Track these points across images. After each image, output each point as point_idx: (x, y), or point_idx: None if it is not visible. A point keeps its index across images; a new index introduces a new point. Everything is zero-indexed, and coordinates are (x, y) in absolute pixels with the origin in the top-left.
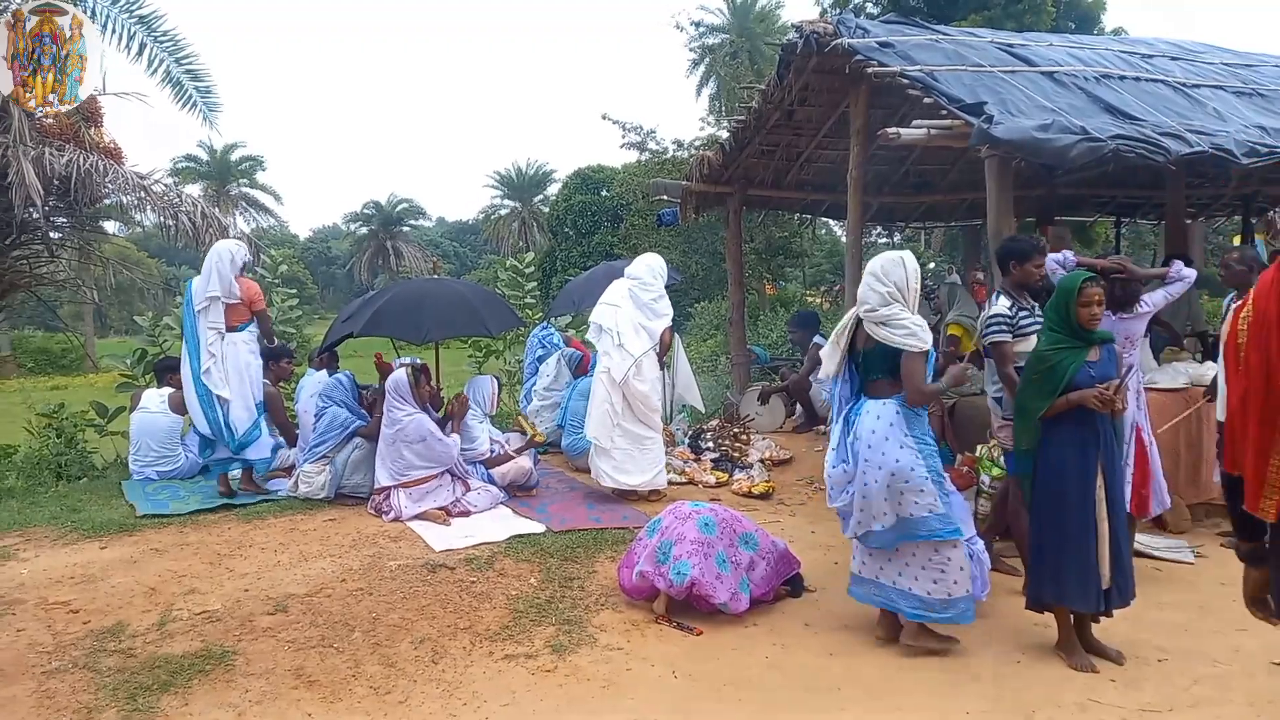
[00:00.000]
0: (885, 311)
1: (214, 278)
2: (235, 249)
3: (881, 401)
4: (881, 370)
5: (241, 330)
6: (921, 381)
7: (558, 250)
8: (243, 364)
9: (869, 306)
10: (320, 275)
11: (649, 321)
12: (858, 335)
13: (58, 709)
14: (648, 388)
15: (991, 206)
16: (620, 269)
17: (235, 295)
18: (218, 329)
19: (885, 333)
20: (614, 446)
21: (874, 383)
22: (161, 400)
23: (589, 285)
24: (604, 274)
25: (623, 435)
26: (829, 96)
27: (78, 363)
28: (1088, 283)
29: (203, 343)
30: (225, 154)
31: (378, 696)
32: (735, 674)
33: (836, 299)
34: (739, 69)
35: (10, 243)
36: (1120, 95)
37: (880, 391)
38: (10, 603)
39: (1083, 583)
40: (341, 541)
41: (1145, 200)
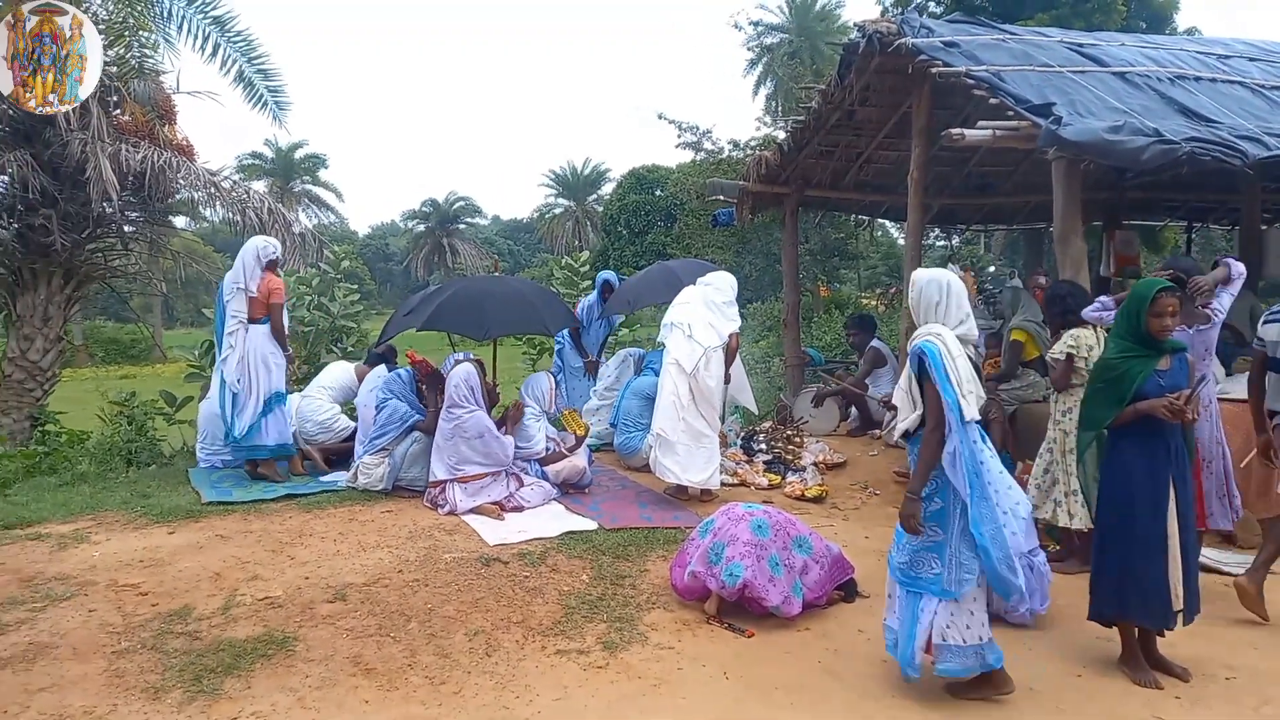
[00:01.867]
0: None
1: (237, 269)
2: (262, 244)
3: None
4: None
5: (262, 323)
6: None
7: (611, 250)
8: (257, 355)
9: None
10: (378, 272)
11: (719, 322)
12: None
13: (126, 688)
14: (714, 383)
15: (1058, 210)
16: (675, 269)
17: (253, 289)
18: (239, 319)
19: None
20: (678, 440)
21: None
22: None
23: (645, 285)
24: (660, 274)
25: (686, 430)
26: (891, 97)
27: (146, 353)
28: (1163, 292)
29: (225, 332)
30: (290, 152)
31: (433, 686)
32: (787, 678)
33: (892, 302)
34: (798, 69)
35: (86, 235)
36: (1195, 97)
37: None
38: (83, 584)
39: (1146, 598)
40: (398, 533)
41: (1219, 205)
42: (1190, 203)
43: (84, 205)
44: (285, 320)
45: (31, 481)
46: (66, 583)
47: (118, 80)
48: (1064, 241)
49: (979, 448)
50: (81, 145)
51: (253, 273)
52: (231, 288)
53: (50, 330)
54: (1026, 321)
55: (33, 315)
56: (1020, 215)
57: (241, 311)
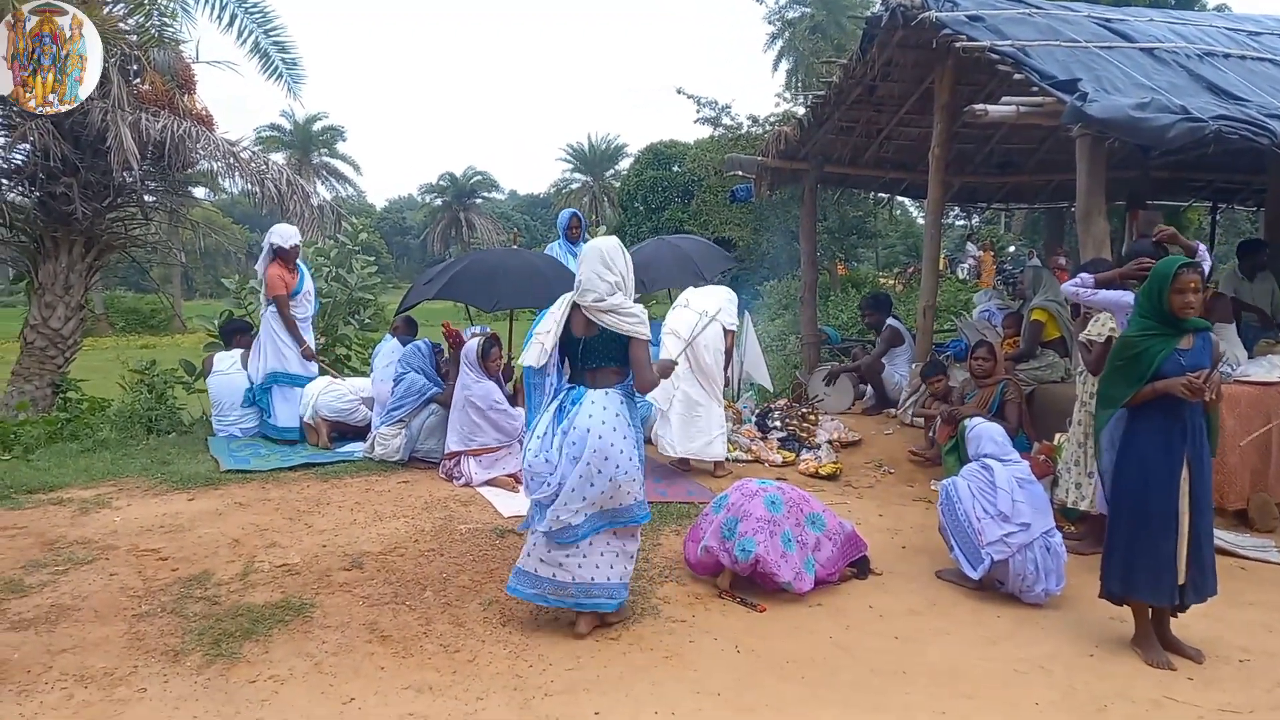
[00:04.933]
0: (613, 301)
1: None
2: (276, 235)
3: (605, 391)
4: (606, 358)
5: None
6: (650, 369)
7: (627, 225)
8: (268, 334)
9: (596, 295)
10: (394, 245)
11: (718, 308)
12: (574, 322)
13: (146, 650)
14: (711, 354)
15: (1081, 188)
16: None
17: (259, 276)
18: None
19: (613, 319)
20: (673, 412)
21: (595, 371)
22: (233, 361)
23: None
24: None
25: (682, 400)
26: (913, 72)
27: (166, 323)
28: (1185, 268)
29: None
30: (308, 124)
31: (447, 654)
32: (798, 652)
33: (910, 281)
34: (819, 43)
35: (107, 205)
36: (1224, 74)
37: (605, 381)
38: (105, 548)
39: (1154, 576)
40: (414, 503)
41: (1245, 186)
42: (1216, 183)
43: (105, 174)
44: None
45: (54, 447)
46: (88, 547)
47: (138, 49)
48: (1087, 220)
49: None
50: (102, 114)
51: (261, 261)
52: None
53: (71, 298)
54: (1048, 301)
55: (54, 283)
56: (1042, 194)
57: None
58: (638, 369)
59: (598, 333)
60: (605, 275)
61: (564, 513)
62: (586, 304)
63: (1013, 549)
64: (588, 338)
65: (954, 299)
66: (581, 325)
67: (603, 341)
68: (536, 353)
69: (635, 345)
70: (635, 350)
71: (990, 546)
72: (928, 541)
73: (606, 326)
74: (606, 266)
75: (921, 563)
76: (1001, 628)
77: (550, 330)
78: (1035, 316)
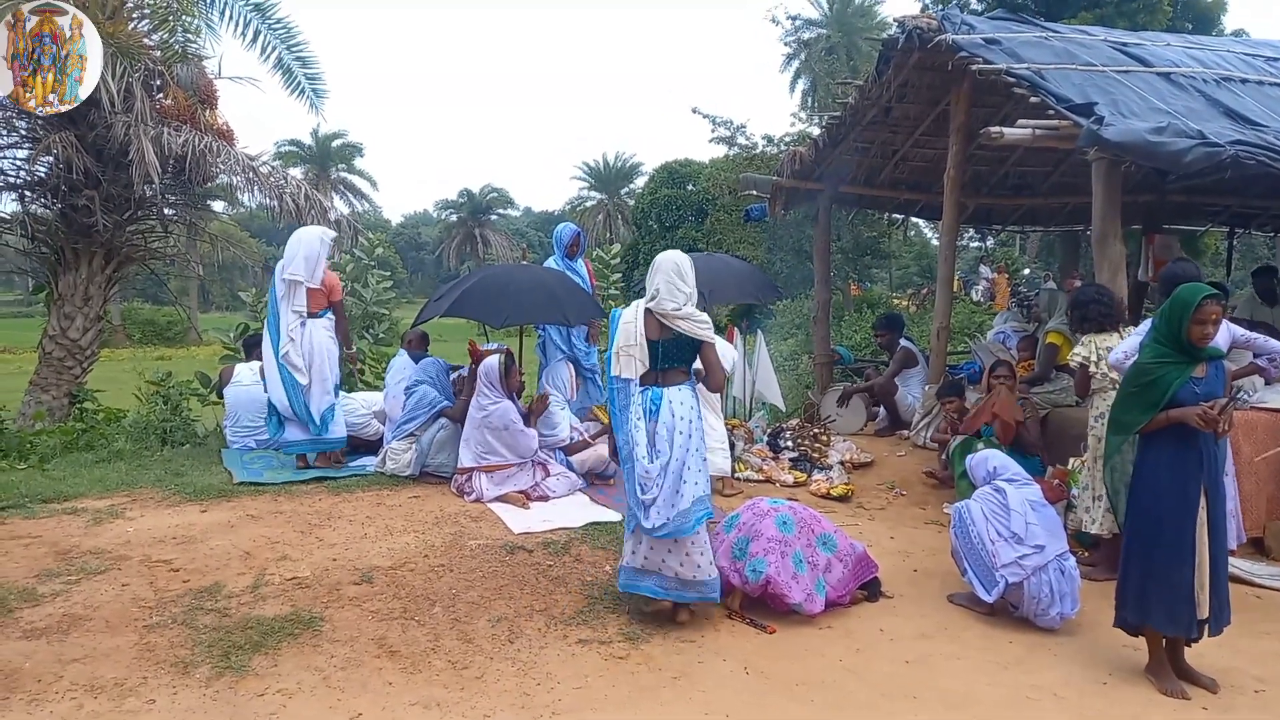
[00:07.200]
0: (688, 309)
1: (299, 262)
2: (326, 236)
3: (677, 387)
4: (677, 360)
5: (321, 316)
6: (720, 369)
7: (641, 244)
8: (322, 348)
9: (675, 305)
10: (409, 260)
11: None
12: (647, 327)
13: (156, 661)
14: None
15: (1097, 211)
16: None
17: (318, 281)
18: (300, 313)
19: (688, 325)
20: None
21: (667, 371)
22: (254, 373)
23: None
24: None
25: None
26: (929, 94)
27: (182, 335)
28: (1209, 299)
29: (284, 325)
30: (327, 140)
31: (455, 670)
32: (808, 674)
33: (924, 302)
34: (835, 64)
35: (127, 217)
36: (1241, 99)
37: (674, 380)
38: (118, 558)
39: (1169, 606)
40: (425, 518)
41: (1262, 211)
42: (1232, 208)
43: (126, 187)
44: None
45: (69, 457)
46: (101, 557)
47: (161, 64)
48: (1102, 244)
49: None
50: (125, 128)
51: (315, 266)
52: (283, 280)
53: (90, 309)
54: (1063, 324)
55: (74, 294)
56: (1058, 217)
57: (302, 306)
58: (711, 369)
59: (672, 336)
60: (681, 287)
61: (679, 503)
62: (664, 312)
63: (1027, 571)
64: (664, 341)
65: (968, 320)
66: (655, 330)
67: (676, 345)
68: (632, 366)
69: (707, 348)
70: (707, 353)
71: (1005, 569)
72: (939, 565)
73: (681, 332)
74: (681, 279)
75: (933, 586)
76: (1013, 653)
77: (637, 343)
78: (1050, 339)
